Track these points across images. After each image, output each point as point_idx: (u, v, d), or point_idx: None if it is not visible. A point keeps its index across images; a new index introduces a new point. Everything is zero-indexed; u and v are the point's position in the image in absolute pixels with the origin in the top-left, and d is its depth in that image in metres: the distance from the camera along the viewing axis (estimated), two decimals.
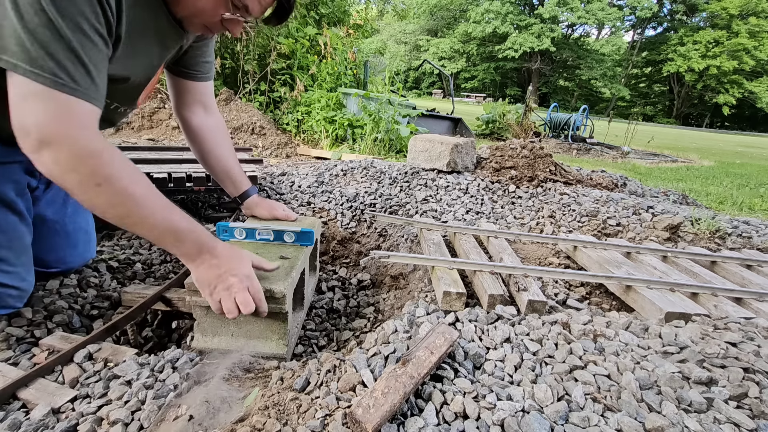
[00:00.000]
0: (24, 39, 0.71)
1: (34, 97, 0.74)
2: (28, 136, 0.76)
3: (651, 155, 8.11)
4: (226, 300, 0.94)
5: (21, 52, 0.72)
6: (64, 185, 0.80)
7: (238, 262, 0.97)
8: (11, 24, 0.71)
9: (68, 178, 0.79)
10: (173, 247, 0.92)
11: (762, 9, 33.42)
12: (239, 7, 0.94)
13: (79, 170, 0.78)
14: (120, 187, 0.82)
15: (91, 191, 0.80)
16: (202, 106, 1.33)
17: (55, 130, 0.76)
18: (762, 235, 2.06)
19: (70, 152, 0.77)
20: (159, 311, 1.37)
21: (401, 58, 39.91)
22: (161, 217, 0.88)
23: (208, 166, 1.38)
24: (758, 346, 1.02)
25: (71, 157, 0.77)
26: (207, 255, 0.95)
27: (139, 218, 0.86)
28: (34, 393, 0.88)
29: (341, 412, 0.78)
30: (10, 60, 0.72)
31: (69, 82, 0.76)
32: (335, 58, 5.86)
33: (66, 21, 0.73)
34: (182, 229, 0.92)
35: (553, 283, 1.50)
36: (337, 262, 2.01)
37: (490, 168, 2.72)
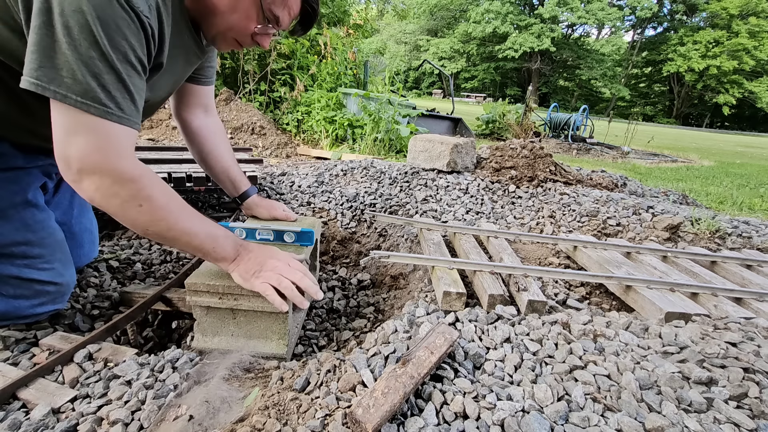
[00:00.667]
0: (76, 70, 0.73)
1: (79, 129, 0.77)
2: (70, 168, 0.79)
3: (651, 155, 8.11)
4: (277, 280, 0.97)
5: (73, 84, 0.74)
6: (106, 209, 0.84)
7: (270, 251, 1.02)
8: (64, 56, 0.72)
9: (111, 202, 0.82)
10: (212, 253, 0.95)
11: (762, 9, 33.42)
12: (270, 19, 0.97)
13: (120, 195, 0.82)
14: (160, 205, 0.86)
15: (133, 212, 0.84)
16: (202, 108, 1.34)
17: (97, 161, 0.79)
18: (762, 235, 2.06)
19: (112, 180, 0.80)
20: (159, 311, 1.37)
21: (401, 58, 39.91)
22: (199, 228, 0.92)
23: (208, 167, 1.38)
24: (758, 346, 1.02)
25: (113, 185, 0.81)
26: (243, 252, 0.99)
27: (180, 231, 0.89)
28: (34, 393, 0.88)
29: (341, 412, 0.78)
30: (59, 91, 0.74)
31: (116, 111, 0.79)
32: (335, 58, 5.87)
33: (116, 53, 0.77)
34: (219, 235, 0.96)
35: (553, 283, 1.50)
36: (337, 262, 2.01)
37: (490, 168, 2.72)
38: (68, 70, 0.73)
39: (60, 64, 0.73)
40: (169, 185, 1.93)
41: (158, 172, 1.97)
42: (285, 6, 0.97)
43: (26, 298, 1.05)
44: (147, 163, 2.10)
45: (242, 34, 0.99)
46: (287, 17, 0.99)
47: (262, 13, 0.95)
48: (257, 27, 0.97)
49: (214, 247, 0.95)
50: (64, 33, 0.71)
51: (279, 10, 0.96)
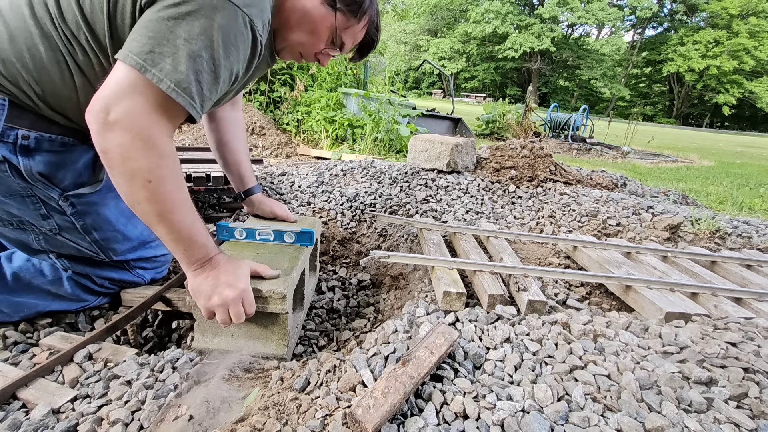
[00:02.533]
0: (182, 62, 0.78)
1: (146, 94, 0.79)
2: (107, 113, 0.77)
3: (651, 155, 8.11)
4: (221, 312, 0.95)
5: (173, 72, 0.78)
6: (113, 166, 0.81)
7: (235, 275, 0.97)
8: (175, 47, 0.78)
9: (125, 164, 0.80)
10: (180, 253, 0.93)
11: (762, 9, 33.43)
12: (337, 44, 1.06)
13: (139, 161, 0.80)
14: (166, 191, 0.85)
15: (138, 183, 0.82)
16: (231, 101, 1.39)
17: (141, 123, 0.79)
18: (762, 235, 2.06)
19: (143, 144, 0.80)
20: (159, 311, 1.37)
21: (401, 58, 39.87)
22: (185, 225, 0.90)
23: (221, 156, 1.41)
24: (758, 346, 1.02)
25: (139, 149, 0.79)
26: (207, 266, 0.96)
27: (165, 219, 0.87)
28: (34, 393, 0.88)
29: (341, 412, 0.78)
30: (157, 74, 0.77)
31: (198, 106, 0.84)
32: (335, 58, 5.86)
33: (226, 61, 0.84)
34: (198, 242, 0.93)
35: (553, 283, 1.50)
36: (337, 262, 2.01)
37: (490, 168, 2.72)
38: (174, 60, 0.78)
39: (168, 52, 0.77)
40: None
41: None
42: (353, 35, 1.08)
43: (148, 270, 1.29)
44: None
45: (309, 52, 1.07)
46: (351, 44, 1.10)
47: (332, 37, 1.04)
48: (324, 48, 1.07)
49: (186, 249, 0.93)
50: (186, 30, 0.78)
51: (347, 38, 1.07)
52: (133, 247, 1.22)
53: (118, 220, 1.16)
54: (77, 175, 1.05)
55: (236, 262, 1.00)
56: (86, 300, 1.20)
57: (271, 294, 1.01)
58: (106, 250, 1.17)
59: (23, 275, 1.11)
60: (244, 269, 1.00)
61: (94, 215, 1.10)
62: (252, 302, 0.98)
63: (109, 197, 1.13)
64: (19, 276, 1.11)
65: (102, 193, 1.11)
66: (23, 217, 1.03)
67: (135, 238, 1.22)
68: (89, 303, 1.21)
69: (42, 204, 1.02)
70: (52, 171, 1.00)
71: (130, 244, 1.21)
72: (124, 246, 1.20)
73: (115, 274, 1.23)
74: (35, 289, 1.12)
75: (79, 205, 1.07)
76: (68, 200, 1.04)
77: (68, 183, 1.04)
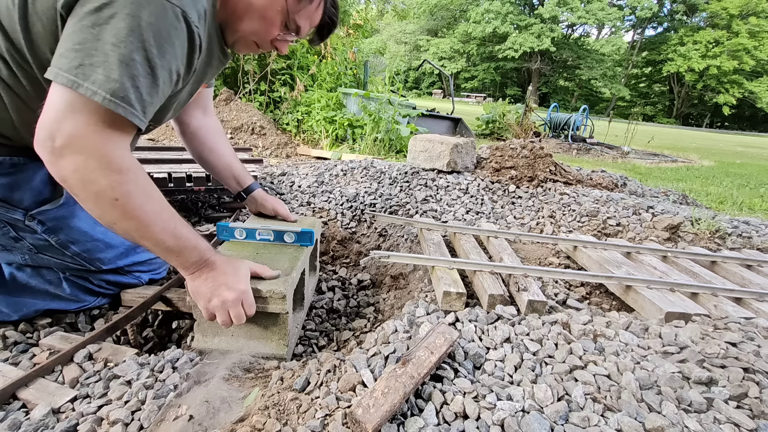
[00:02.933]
0: (114, 69, 0.72)
1: (83, 111, 0.74)
2: (53, 140, 0.73)
3: (651, 155, 8.11)
4: (221, 314, 0.95)
5: (106, 82, 0.72)
6: (76, 193, 0.79)
7: (234, 277, 0.96)
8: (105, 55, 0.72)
9: (87, 188, 0.77)
10: (174, 260, 0.92)
11: (762, 9, 33.42)
12: (292, 28, 1.01)
13: (99, 182, 0.77)
14: (136, 205, 0.81)
15: (105, 204, 0.79)
16: (201, 110, 1.35)
17: (90, 142, 0.75)
18: (762, 235, 2.06)
19: (98, 165, 0.76)
20: (159, 311, 1.37)
21: (401, 58, 39.88)
22: (169, 234, 0.88)
23: (210, 165, 1.39)
24: (758, 346, 1.02)
25: (95, 170, 0.76)
26: (205, 268, 0.94)
27: (147, 233, 0.85)
28: (34, 393, 0.88)
29: (341, 412, 0.78)
30: (91, 87, 0.72)
31: (140, 114, 0.79)
32: (335, 58, 5.87)
33: (162, 60, 0.78)
34: (187, 246, 0.92)
35: (553, 283, 1.50)
36: (337, 262, 2.01)
37: (490, 168, 2.72)
38: (105, 69, 0.72)
39: (98, 62, 0.72)
40: (169, 185, 1.94)
41: (158, 172, 1.97)
42: (308, 17, 1.02)
43: (146, 272, 1.31)
44: (147, 163, 2.10)
45: (264, 40, 1.02)
46: (307, 27, 1.04)
47: (286, 21, 0.99)
48: (279, 34, 1.01)
49: (178, 255, 0.91)
50: (113, 34, 0.71)
51: (302, 21, 1.01)
52: (120, 254, 1.20)
53: (94, 229, 1.12)
54: (37, 193, 1.01)
55: (235, 263, 0.99)
56: (85, 300, 1.20)
57: (271, 294, 1.01)
58: (92, 261, 1.14)
59: (21, 275, 1.11)
60: (244, 270, 0.99)
61: (66, 230, 1.07)
62: (252, 303, 0.98)
63: (77, 208, 1.09)
64: (17, 276, 1.11)
65: (69, 206, 1.07)
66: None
67: (119, 245, 1.19)
68: (88, 303, 1.21)
69: (10, 227, 1.00)
70: (7, 193, 0.96)
71: (115, 251, 1.18)
72: (110, 254, 1.17)
73: (112, 277, 1.22)
74: (34, 290, 1.12)
75: (48, 222, 1.03)
76: (34, 219, 1.01)
77: (29, 202, 1.00)
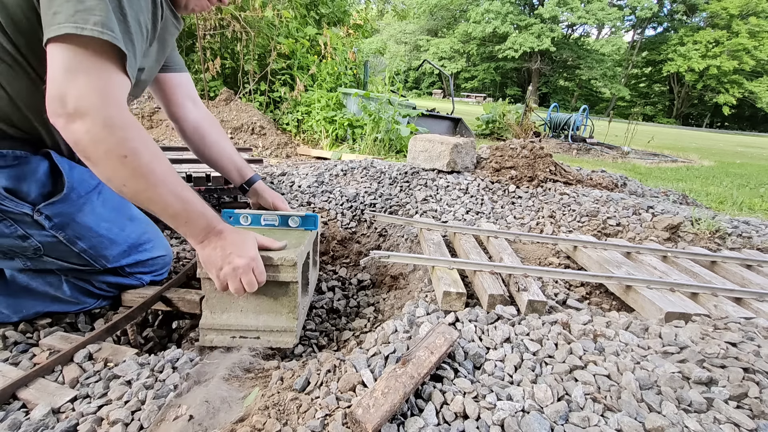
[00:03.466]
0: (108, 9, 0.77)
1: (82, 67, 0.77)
2: (65, 106, 0.77)
3: (651, 155, 8.11)
4: (233, 280, 0.97)
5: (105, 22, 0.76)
6: (88, 155, 0.82)
7: (244, 245, 0.98)
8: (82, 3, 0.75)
9: (97, 148, 0.80)
10: (182, 227, 0.94)
11: (762, 9, 33.41)
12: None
13: (108, 141, 0.80)
14: (144, 162, 0.84)
15: (115, 162, 0.82)
16: (191, 101, 1.37)
17: (93, 102, 0.78)
18: (762, 235, 2.06)
19: (103, 124, 0.79)
20: (159, 311, 1.37)
21: (401, 58, 39.89)
22: (177, 198, 0.90)
23: (213, 159, 1.40)
24: (758, 346, 1.02)
25: (103, 129, 0.79)
26: (214, 237, 0.97)
27: (155, 194, 0.87)
28: (34, 393, 0.88)
29: (341, 412, 0.78)
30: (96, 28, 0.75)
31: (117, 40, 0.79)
32: (335, 58, 5.86)
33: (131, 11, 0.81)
34: (195, 211, 0.93)
35: (553, 283, 1.50)
36: (337, 262, 2.01)
37: (490, 168, 2.72)
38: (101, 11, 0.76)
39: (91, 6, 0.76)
40: None
41: None
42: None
43: (148, 273, 1.29)
44: None
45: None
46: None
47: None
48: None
49: (187, 221, 0.93)
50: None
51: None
52: (124, 251, 1.20)
53: (99, 225, 1.13)
54: (41, 186, 1.01)
55: (242, 233, 1.02)
56: (85, 303, 1.20)
57: (282, 262, 1.02)
58: (98, 258, 1.14)
59: (21, 277, 1.11)
60: (251, 240, 1.02)
61: (73, 225, 1.07)
62: (262, 271, 1.00)
63: (81, 204, 1.09)
64: (17, 278, 1.11)
65: (73, 201, 1.07)
66: (2, 244, 1.00)
67: (123, 241, 1.19)
68: (88, 305, 1.21)
69: (17, 225, 0.99)
70: (16, 184, 0.97)
71: (119, 248, 1.19)
72: (114, 251, 1.18)
73: (113, 279, 1.22)
74: (34, 291, 1.12)
75: (56, 218, 1.04)
76: (42, 214, 1.01)
77: (35, 196, 1.00)
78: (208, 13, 4.98)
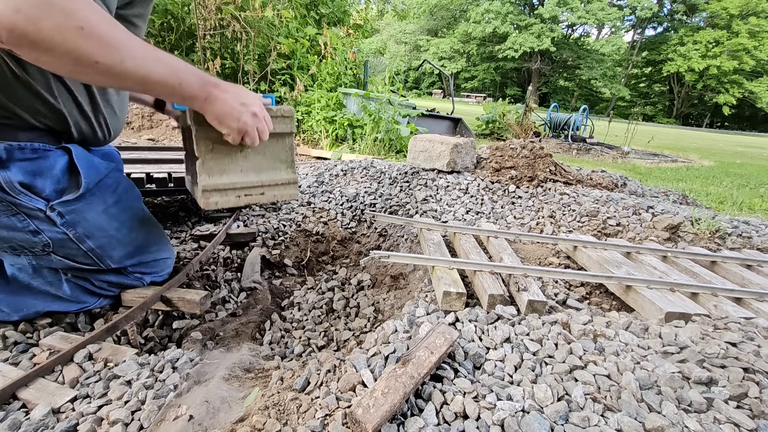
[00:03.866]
0: None
1: None
2: None
3: (651, 155, 8.11)
4: (251, 129, 0.96)
5: None
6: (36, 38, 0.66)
7: (247, 92, 0.96)
8: None
9: (43, 25, 0.65)
10: (178, 89, 0.85)
11: (762, 9, 33.40)
12: None
13: (51, 14, 0.65)
14: (105, 29, 0.72)
15: (74, 36, 0.68)
16: None
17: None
18: (762, 235, 2.06)
19: None
20: (159, 311, 1.37)
21: (401, 58, 39.89)
22: (157, 59, 0.79)
23: None
24: (758, 346, 1.02)
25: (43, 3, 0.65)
26: (214, 89, 0.90)
27: (135, 62, 0.75)
28: (34, 393, 0.88)
29: (341, 412, 0.78)
30: None
31: None
32: (335, 58, 5.86)
33: None
34: (181, 67, 0.84)
35: (553, 283, 1.50)
36: (337, 262, 2.01)
37: (490, 168, 2.72)
38: None
39: None
40: (169, 185, 1.95)
41: (158, 172, 1.97)
42: None
43: (149, 273, 1.29)
44: (147, 163, 2.10)
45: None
46: None
47: None
48: None
49: (180, 82, 0.83)
50: None
51: None
52: (129, 252, 1.21)
53: (109, 224, 1.14)
54: (56, 182, 1.01)
55: (240, 87, 0.98)
56: (85, 302, 1.20)
57: (280, 113, 1.06)
58: (104, 258, 1.15)
59: (22, 276, 1.11)
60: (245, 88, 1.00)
61: (84, 223, 1.07)
62: (269, 118, 1.02)
63: (94, 203, 1.09)
64: (18, 276, 1.11)
65: (86, 200, 1.07)
66: (13, 239, 1.00)
67: (130, 243, 1.20)
68: (88, 305, 1.21)
69: (29, 219, 0.99)
70: (31, 179, 0.96)
71: (125, 249, 1.19)
72: (120, 252, 1.18)
73: (114, 278, 1.23)
74: (34, 290, 1.12)
75: (68, 215, 1.04)
76: (55, 210, 1.01)
77: (50, 191, 1.00)
78: (208, 13, 4.98)
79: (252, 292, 1.63)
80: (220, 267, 1.71)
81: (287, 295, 1.70)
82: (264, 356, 1.10)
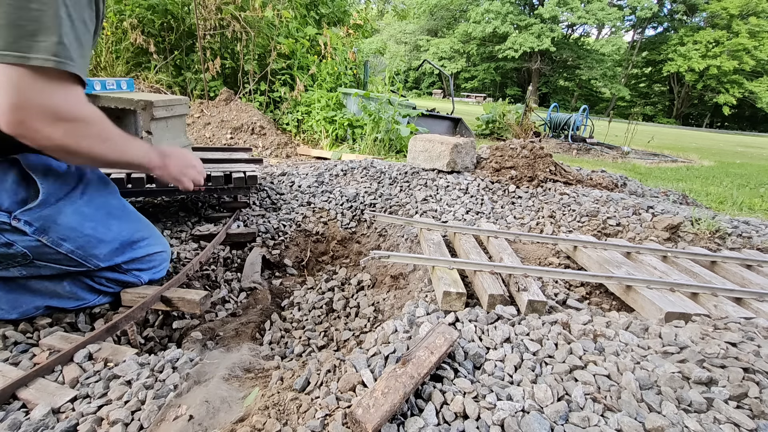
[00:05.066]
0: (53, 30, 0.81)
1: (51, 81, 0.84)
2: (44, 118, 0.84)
3: (651, 155, 8.11)
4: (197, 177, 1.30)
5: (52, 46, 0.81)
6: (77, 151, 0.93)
7: (188, 154, 1.28)
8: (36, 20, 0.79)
9: (83, 143, 0.93)
10: (147, 165, 1.13)
11: (762, 9, 33.39)
12: None
13: (89, 134, 0.93)
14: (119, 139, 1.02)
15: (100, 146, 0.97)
16: None
17: (67, 108, 0.88)
18: (762, 235, 2.06)
19: (84, 121, 0.92)
20: (159, 311, 1.37)
21: (401, 58, 39.86)
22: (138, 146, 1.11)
23: None
24: (758, 346, 1.02)
25: (82, 126, 0.91)
26: (167, 158, 1.19)
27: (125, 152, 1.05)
28: (34, 393, 0.88)
29: (341, 412, 0.78)
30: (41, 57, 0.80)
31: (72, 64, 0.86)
32: (335, 58, 5.86)
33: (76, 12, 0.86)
34: (146, 147, 1.14)
35: (553, 283, 1.50)
36: (337, 262, 2.01)
37: (490, 168, 2.72)
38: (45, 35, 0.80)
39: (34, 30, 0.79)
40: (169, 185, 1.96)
41: None
42: None
43: (146, 270, 1.31)
44: None
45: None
46: None
47: None
48: None
49: (149, 160, 1.13)
50: None
51: None
52: (115, 249, 1.20)
53: (82, 225, 1.11)
54: (13, 193, 1.00)
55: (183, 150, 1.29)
56: (85, 299, 1.20)
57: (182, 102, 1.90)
58: (88, 258, 1.13)
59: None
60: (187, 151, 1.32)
61: (54, 227, 1.06)
62: (203, 169, 1.35)
63: (61, 206, 1.07)
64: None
65: (52, 204, 1.05)
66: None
67: (112, 239, 1.18)
68: (88, 302, 1.21)
69: None
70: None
71: (109, 246, 1.18)
72: (104, 249, 1.17)
73: (112, 275, 1.23)
74: (32, 288, 1.12)
75: (35, 222, 1.02)
76: (20, 220, 1.00)
77: (10, 203, 0.99)
78: (208, 13, 4.98)
79: (252, 292, 1.63)
80: (220, 267, 1.71)
81: (287, 295, 1.70)
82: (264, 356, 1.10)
